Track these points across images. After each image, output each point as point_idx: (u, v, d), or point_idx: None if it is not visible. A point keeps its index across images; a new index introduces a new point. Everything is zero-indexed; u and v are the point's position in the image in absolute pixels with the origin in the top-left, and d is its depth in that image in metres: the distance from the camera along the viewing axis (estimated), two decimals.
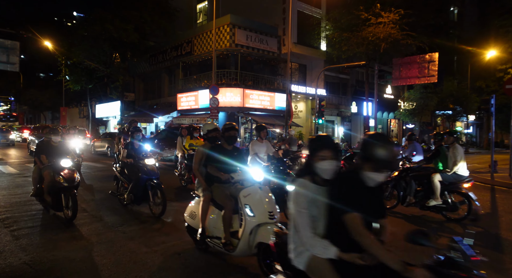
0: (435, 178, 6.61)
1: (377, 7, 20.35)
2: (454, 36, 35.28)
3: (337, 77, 28.25)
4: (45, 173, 6.27)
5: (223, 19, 21.70)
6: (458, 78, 34.98)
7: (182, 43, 25.22)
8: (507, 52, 24.39)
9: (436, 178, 6.62)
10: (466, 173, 6.67)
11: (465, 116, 35.56)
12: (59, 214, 6.42)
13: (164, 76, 28.81)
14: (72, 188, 6.11)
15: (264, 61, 24.05)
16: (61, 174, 6.17)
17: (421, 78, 23.22)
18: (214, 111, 18.81)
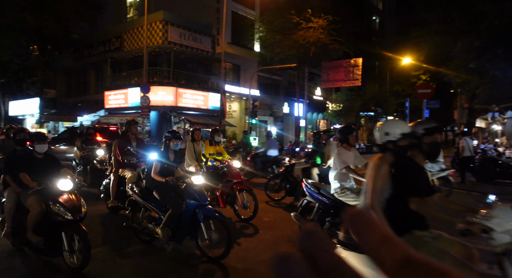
0: (314, 172, 7.43)
1: (308, 12, 21.30)
2: (376, 43, 38.24)
3: (270, 78, 28.95)
4: (31, 201, 4.18)
5: (156, 15, 20.99)
6: (379, 82, 37.96)
7: (110, 38, 23.87)
8: (419, 60, 27.05)
9: (315, 171, 7.42)
10: None
11: (385, 117, 38.74)
12: (50, 260, 4.40)
13: (90, 72, 27.02)
14: (78, 222, 4.14)
15: (198, 60, 23.77)
16: (59, 201, 4.16)
17: (347, 81, 24.85)
18: (145, 110, 18.14)
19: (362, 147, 33.49)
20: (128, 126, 7.06)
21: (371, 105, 34.74)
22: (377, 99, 34.58)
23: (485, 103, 22.67)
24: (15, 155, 4.64)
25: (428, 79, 33.42)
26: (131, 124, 7.07)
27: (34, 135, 4.66)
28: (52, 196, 4.20)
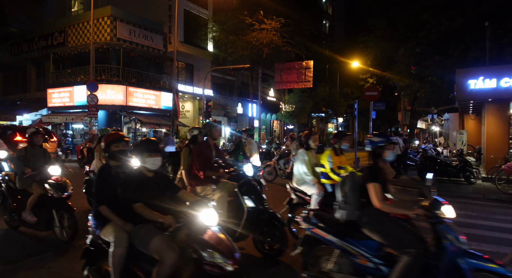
0: None
1: (260, 14, 21.49)
2: (326, 46, 39.57)
3: (224, 78, 28.84)
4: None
5: (103, 10, 20.06)
6: (329, 84, 39.36)
7: (53, 32, 22.43)
8: (367, 64, 28.39)
9: None
10: (258, 164, 8.01)
11: (335, 118, 40.21)
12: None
13: (30, 68, 25.19)
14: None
15: (149, 58, 23.10)
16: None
17: (299, 83, 25.39)
18: (93, 109, 17.35)
19: None
20: (209, 128, 5.20)
21: (322, 107, 35.88)
22: (327, 101, 35.77)
23: (425, 106, 24.33)
24: (110, 174, 3.32)
25: (375, 82, 35.23)
26: (212, 127, 5.22)
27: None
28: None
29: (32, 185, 5.09)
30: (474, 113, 16.70)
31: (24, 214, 4.96)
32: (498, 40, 14.54)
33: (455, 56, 16.32)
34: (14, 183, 5.36)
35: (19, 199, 5.18)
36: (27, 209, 4.94)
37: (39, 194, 4.98)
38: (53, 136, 14.63)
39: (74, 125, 23.03)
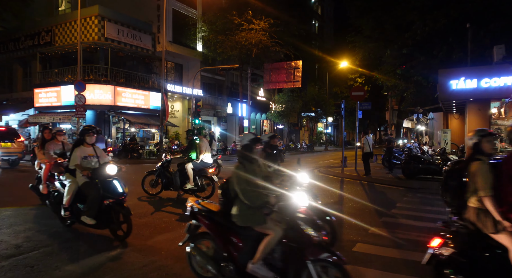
0: (188, 166, 7.99)
1: (249, 14, 21.59)
2: (316, 46, 39.84)
3: (213, 78, 28.88)
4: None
5: (91, 10, 19.96)
6: (319, 84, 39.62)
7: (40, 32, 22.23)
8: (355, 64, 28.69)
9: (189, 166, 8.00)
10: (210, 161, 8.39)
11: (325, 118, 40.51)
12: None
13: (16, 67, 24.91)
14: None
15: (138, 58, 23.03)
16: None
17: (288, 83, 25.59)
18: (80, 109, 17.23)
19: (303, 146, 34.75)
20: None
21: (312, 106, 36.14)
22: (317, 100, 36.04)
23: (412, 105, 24.67)
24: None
25: (364, 82, 35.58)
26: None
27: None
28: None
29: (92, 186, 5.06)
30: (458, 113, 17.04)
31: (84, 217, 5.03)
32: (480, 41, 14.88)
33: (440, 57, 16.63)
34: None
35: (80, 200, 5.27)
36: (87, 214, 5.05)
37: (97, 195, 5.02)
38: (20, 136, 14.63)
39: (61, 125, 22.84)
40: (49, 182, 6.61)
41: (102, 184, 5.02)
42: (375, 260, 4.47)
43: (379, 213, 7.09)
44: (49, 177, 6.62)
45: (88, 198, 4.97)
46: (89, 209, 4.95)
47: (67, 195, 5.19)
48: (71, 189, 5.21)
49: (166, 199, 8.33)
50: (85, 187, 5.06)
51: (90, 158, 5.24)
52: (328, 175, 13.81)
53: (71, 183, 5.22)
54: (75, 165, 5.08)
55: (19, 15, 21.85)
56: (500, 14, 14.75)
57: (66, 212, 5.26)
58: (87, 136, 5.28)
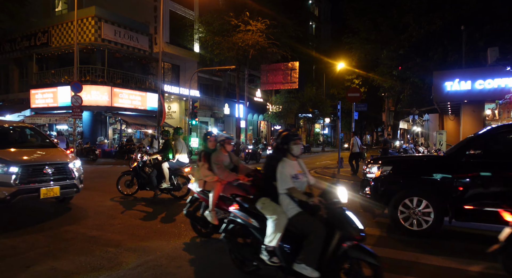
0: (164, 166, 8.17)
1: (246, 15, 21.64)
2: (313, 47, 39.98)
3: (210, 79, 28.91)
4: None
5: (87, 11, 19.96)
6: (316, 85, 39.74)
7: (36, 33, 22.20)
8: (352, 65, 28.83)
9: (165, 165, 8.18)
10: (186, 161, 8.51)
11: (322, 119, 40.63)
12: None
13: (13, 68, 24.86)
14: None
15: (135, 59, 23.05)
16: None
17: (285, 84, 25.64)
18: (77, 110, 17.18)
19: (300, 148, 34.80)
20: None
21: (309, 107, 36.24)
22: (314, 102, 36.13)
23: (408, 107, 24.84)
24: None
25: (361, 83, 35.74)
26: None
27: None
28: None
29: None
30: (453, 114, 17.16)
31: None
32: (474, 43, 15.01)
33: (435, 59, 16.76)
34: None
35: None
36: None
37: None
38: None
39: (58, 126, 22.82)
40: (218, 208, 4.99)
41: (330, 216, 3.46)
42: None
43: (372, 214, 7.15)
44: (218, 201, 5.00)
45: (309, 238, 3.37)
46: (309, 255, 3.37)
47: (275, 232, 3.50)
48: (282, 223, 3.50)
49: (161, 200, 8.37)
50: (301, 221, 3.50)
51: (300, 176, 3.69)
52: (324, 176, 13.88)
53: (279, 214, 3.55)
54: (290, 189, 3.53)
55: (16, 16, 21.83)
56: (494, 17, 14.90)
57: (274, 258, 3.57)
58: (294, 144, 3.71)
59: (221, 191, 4.92)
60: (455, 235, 5.83)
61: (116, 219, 6.46)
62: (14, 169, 6.01)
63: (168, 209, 7.45)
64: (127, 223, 6.24)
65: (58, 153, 7.25)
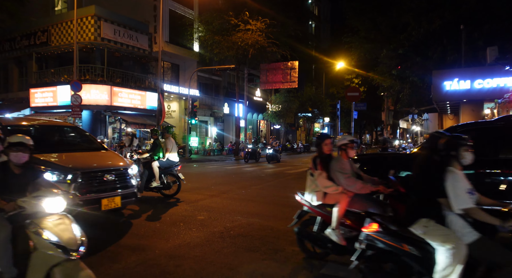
0: (154, 165, 8.19)
1: (246, 15, 21.66)
2: (312, 47, 39.97)
3: (210, 78, 28.91)
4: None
5: (87, 10, 19.95)
6: (315, 85, 39.77)
7: (36, 32, 22.19)
8: (351, 65, 28.85)
9: (155, 164, 8.20)
10: (176, 160, 8.58)
11: (321, 118, 40.66)
12: None
13: (12, 67, 24.85)
14: None
15: (134, 58, 23.03)
16: None
17: (285, 83, 25.71)
18: (77, 109, 17.22)
19: (300, 147, 34.85)
20: None
21: (308, 107, 36.27)
22: (313, 101, 36.16)
23: (408, 106, 24.87)
24: None
25: (360, 82, 35.78)
26: None
27: None
28: None
29: None
30: (452, 113, 17.19)
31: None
32: (474, 42, 15.02)
33: (434, 58, 16.78)
34: None
35: None
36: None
37: None
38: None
39: None
40: (343, 227, 4.08)
41: None
42: None
43: None
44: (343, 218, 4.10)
45: (502, 271, 2.66)
46: None
47: (453, 264, 2.70)
48: (461, 252, 2.71)
49: (163, 199, 8.38)
50: (483, 248, 2.74)
51: (474, 191, 2.89)
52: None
53: (456, 242, 2.75)
54: (470, 210, 2.76)
55: (15, 15, 21.82)
56: (493, 16, 14.91)
57: None
58: (465, 151, 2.93)
59: (347, 205, 4.03)
60: None
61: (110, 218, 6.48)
62: (72, 176, 5.13)
63: (167, 209, 7.47)
64: (126, 222, 6.26)
65: (116, 157, 6.48)
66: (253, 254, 4.64)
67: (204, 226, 5.98)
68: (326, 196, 4.20)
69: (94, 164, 5.77)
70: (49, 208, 3.05)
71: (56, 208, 3.09)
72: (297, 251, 4.67)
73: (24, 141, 3.29)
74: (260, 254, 4.62)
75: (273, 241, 5.17)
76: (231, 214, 6.87)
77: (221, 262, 4.32)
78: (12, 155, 3.25)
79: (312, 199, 4.33)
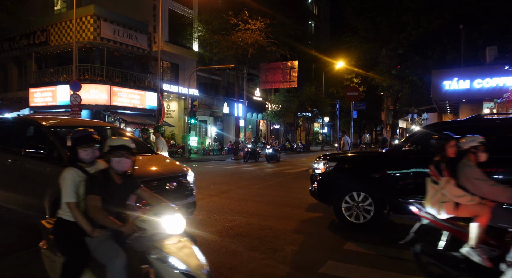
0: None
1: (245, 14, 21.65)
2: (312, 46, 39.96)
3: (209, 78, 28.90)
4: None
5: (86, 9, 19.94)
6: (315, 84, 39.75)
7: (35, 31, 22.18)
8: (351, 64, 28.82)
9: None
10: None
11: (321, 118, 40.64)
12: None
13: (11, 66, 24.83)
14: None
15: (134, 57, 23.02)
16: None
17: (284, 83, 25.69)
18: (76, 109, 17.20)
19: (299, 146, 34.86)
20: None
21: (308, 106, 36.26)
22: (313, 101, 36.17)
23: (407, 106, 24.88)
24: None
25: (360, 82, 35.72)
26: None
27: None
28: None
29: None
30: (452, 113, 17.20)
31: None
32: (473, 42, 15.03)
33: (434, 58, 16.79)
34: None
35: None
36: None
37: None
38: None
39: None
40: (485, 245, 3.44)
41: None
42: (364, 258, 4.54)
43: None
44: None
45: None
46: None
47: None
48: None
49: None
50: None
51: None
52: None
53: None
54: None
55: (14, 14, 21.78)
56: (492, 16, 14.92)
57: None
58: None
59: (489, 219, 3.38)
60: None
61: None
62: None
63: None
64: None
65: (172, 162, 5.82)
66: (252, 253, 4.64)
67: (203, 226, 5.97)
68: (459, 208, 3.57)
69: (152, 171, 5.04)
70: (170, 228, 2.56)
71: (178, 228, 2.59)
72: (296, 251, 4.67)
73: (127, 144, 2.73)
74: (259, 254, 4.61)
75: (272, 240, 5.16)
76: (230, 213, 6.86)
77: (220, 261, 4.31)
78: (114, 161, 2.68)
79: (438, 211, 3.67)
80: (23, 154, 5.22)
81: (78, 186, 2.73)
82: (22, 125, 5.93)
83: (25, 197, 5.15)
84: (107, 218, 2.56)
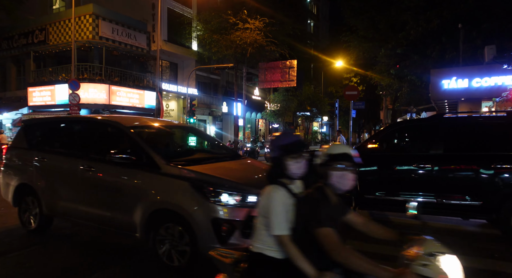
0: None
1: (244, 13, 21.63)
2: (311, 46, 39.96)
3: (208, 77, 28.89)
4: None
5: (85, 8, 19.92)
6: (314, 84, 39.76)
7: (34, 30, 22.15)
8: (350, 64, 28.83)
9: None
10: None
11: (320, 117, 40.66)
12: None
13: (10, 66, 24.78)
14: None
15: (133, 57, 23.00)
16: None
17: (283, 82, 25.67)
18: (75, 108, 17.21)
19: None
20: None
21: (307, 105, 36.26)
22: (312, 100, 36.17)
23: (406, 105, 24.89)
24: None
25: (359, 81, 35.73)
26: None
27: None
28: None
29: None
30: (451, 112, 17.21)
31: None
32: (472, 41, 15.04)
33: (433, 57, 16.79)
34: None
35: None
36: None
37: None
38: None
39: None
40: None
41: None
42: None
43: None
44: None
45: None
46: None
47: None
48: None
49: None
50: None
51: None
52: None
53: None
54: None
55: (13, 13, 21.77)
56: (491, 15, 14.92)
57: None
58: None
59: None
60: None
61: None
62: (256, 198, 3.39)
63: None
64: None
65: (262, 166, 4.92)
66: None
67: None
68: None
69: (256, 179, 4.20)
70: (452, 273, 1.75)
71: (457, 273, 1.79)
72: None
73: (350, 153, 2.01)
74: None
75: None
76: None
77: None
78: (335, 176, 1.97)
79: None
80: (106, 161, 4.35)
81: (287, 213, 2.00)
82: (101, 127, 5.14)
83: (104, 212, 4.42)
84: (365, 261, 1.76)
